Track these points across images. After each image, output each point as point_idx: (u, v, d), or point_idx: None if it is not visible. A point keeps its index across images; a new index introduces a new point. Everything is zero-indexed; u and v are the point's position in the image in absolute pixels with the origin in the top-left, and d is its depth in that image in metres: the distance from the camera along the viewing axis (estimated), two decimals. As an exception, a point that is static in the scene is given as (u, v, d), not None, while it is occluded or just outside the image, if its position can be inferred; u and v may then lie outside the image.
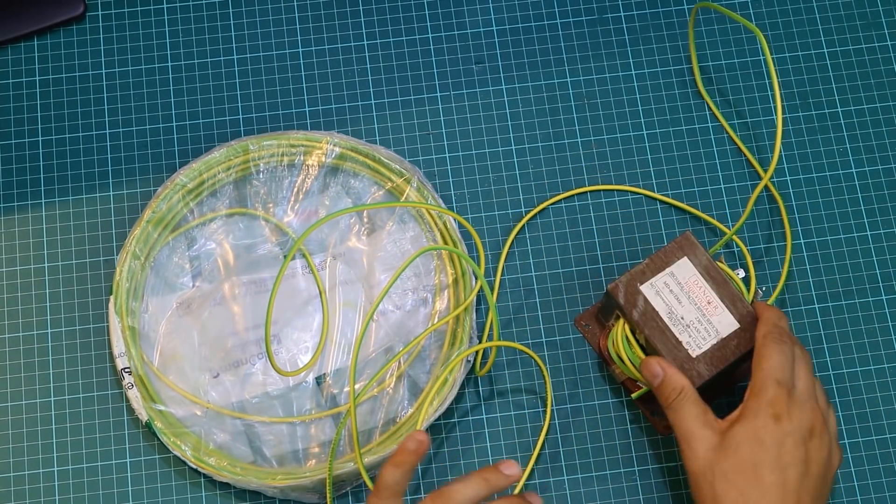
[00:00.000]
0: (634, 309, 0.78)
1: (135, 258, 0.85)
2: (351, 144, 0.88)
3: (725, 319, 0.78)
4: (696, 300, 0.78)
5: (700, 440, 0.71)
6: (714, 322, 0.78)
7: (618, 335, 0.79)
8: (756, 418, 0.70)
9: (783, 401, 0.71)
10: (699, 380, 0.76)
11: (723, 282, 0.79)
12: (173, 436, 0.82)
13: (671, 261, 0.79)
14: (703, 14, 0.93)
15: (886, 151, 0.90)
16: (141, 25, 0.93)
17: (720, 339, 0.77)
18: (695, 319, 0.78)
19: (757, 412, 0.71)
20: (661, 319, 0.78)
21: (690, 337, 0.77)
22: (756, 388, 0.72)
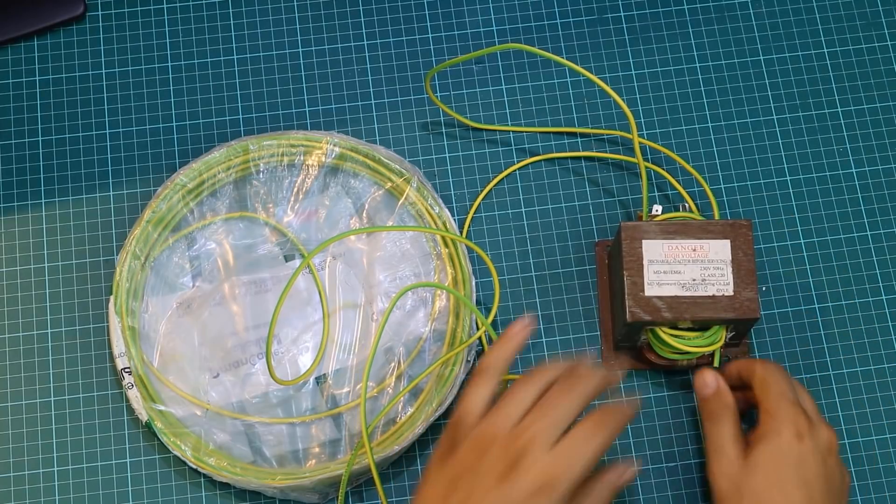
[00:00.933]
0: (662, 313, 0.78)
1: (135, 258, 0.85)
2: (351, 144, 0.88)
3: (717, 246, 0.79)
4: (685, 258, 0.79)
5: (731, 457, 0.73)
6: (714, 257, 0.78)
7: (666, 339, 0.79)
8: (780, 437, 0.72)
9: (804, 419, 0.73)
10: (754, 304, 0.77)
11: (682, 226, 0.79)
12: (173, 436, 0.82)
13: (638, 254, 0.79)
14: (703, 14, 0.93)
15: (886, 151, 0.90)
16: (141, 25, 0.93)
17: (731, 262, 0.78)
18: (702, 270, 0.78)
19: (779, 431, 0.72)
20: (685, 297, 0.78)
21: (714, 286, 0.78)
22: (771, 409, 0.73)
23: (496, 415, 0.67)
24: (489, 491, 0.64)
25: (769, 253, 0.88)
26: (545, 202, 0.89)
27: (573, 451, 0.65)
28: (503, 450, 0.65)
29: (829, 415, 0.84)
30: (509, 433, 0.66)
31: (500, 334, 0.72)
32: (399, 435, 0.82)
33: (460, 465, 0.66)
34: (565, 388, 0.68)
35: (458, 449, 0.67)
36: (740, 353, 0.84)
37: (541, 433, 0.65)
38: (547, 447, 0.65)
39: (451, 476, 0.66)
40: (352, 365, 0.84)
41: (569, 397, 0.67)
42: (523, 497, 0.64)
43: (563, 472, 0.64)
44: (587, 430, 0.66)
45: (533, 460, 0.64)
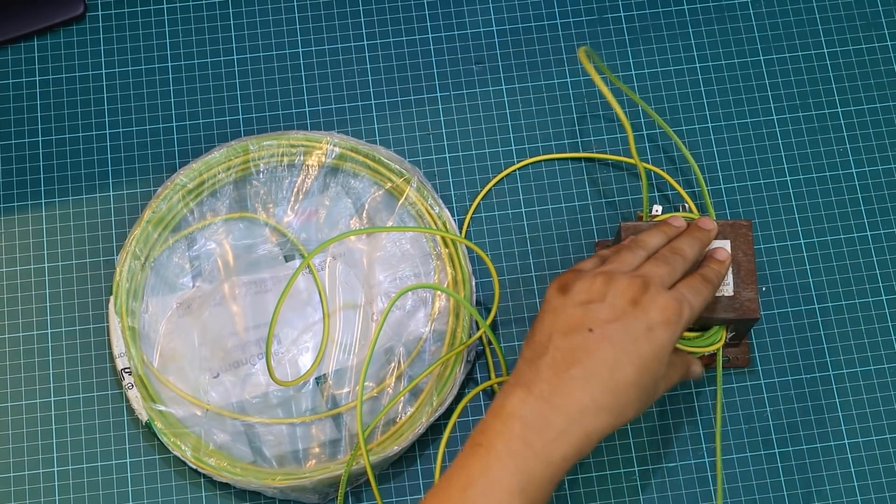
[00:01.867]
0: None
1: (135, 258, 0.85)
2: (351, 144, 0.88)
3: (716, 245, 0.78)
4: None
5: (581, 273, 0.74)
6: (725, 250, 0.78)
7: None
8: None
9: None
10: (754, 304, 0.77)
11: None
12: (173, 436, 0.82)
13: None
14: (703, 14, 0.93)
15: (886, 151, 0.90)
16: (141, 25, 0.93)
17: (731, 262, 0.78)
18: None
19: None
20: None
21: None
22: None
23: (614, 262, 0.73)
24: (626, 311, 0.69)
25: (769, 253, 0.88)
26: (545, 202, 0.89)
27: (688, 293, 0.72)
28: (629, 281, 0.70)
29: (828, 415, 0.84)
30: (631, 273, 0.71)
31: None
32: (399, 435, 0.82)
33: (587, 293, 0.70)
34: (673, 253, 0.74)
35: (579, 283, 0.71)
36: (740, 353, 0.85)
37: (659, 276, 0.71)
38: (664, 286, 0.71)
39: (578, 302, 0.70)
40: (352, 365, 0.84)
41: (677, 260, 0.73)
42: (656, 321, 0.70)
43: (683, 307, 0.71)
44: (696, 282, 0.73)
45: (657, 293, 0.70)
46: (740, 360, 0.85)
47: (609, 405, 0.68)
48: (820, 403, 0.85)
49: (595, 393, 0.68)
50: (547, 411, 0.67)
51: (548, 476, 0.67)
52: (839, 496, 0.83)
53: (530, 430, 0.67)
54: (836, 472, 0.83)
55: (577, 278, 0.72)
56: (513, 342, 0.86)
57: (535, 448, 0.67)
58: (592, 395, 0.68)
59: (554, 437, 0.67)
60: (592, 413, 0.68)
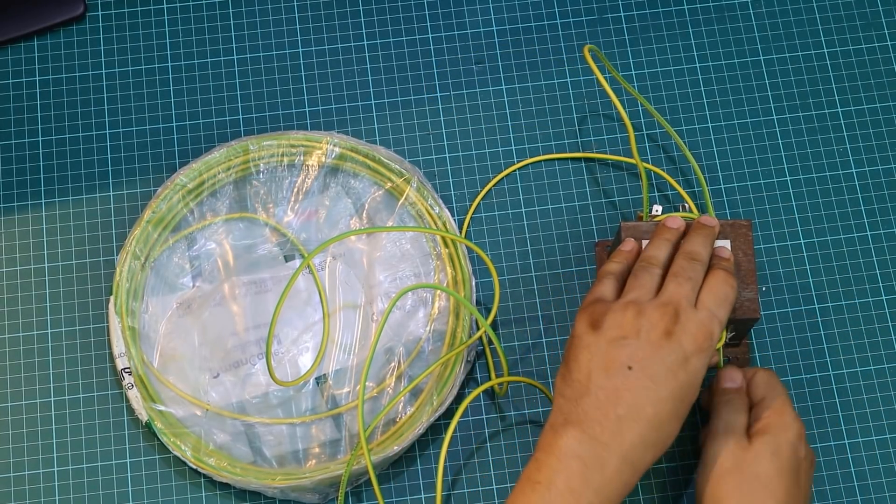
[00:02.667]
0: None
1: (135, 258, 0.85)
2: (351, 144, 0.88)
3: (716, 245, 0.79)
4: None
5: (739, 438, 0.75)
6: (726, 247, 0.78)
7: None
8: (787, 433, 0.75)
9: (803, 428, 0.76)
10: (754, 304, 0.78)
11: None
12: (173, 436, 0.82)
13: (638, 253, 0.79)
14: (703, 14, 0.93)
15: (886, 151, 0.90)
16: (141, 25, 0.93)
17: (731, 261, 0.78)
18: None
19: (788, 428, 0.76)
20: None
21: None
22: (779, 408, 0.76)
23: (635, 289, 0.74)
24: (662, 346, 0.71)
25: (769, 253, 0.88)
26: (545, 202, 0.89)
27: (715, 306, 0.73)
28: (659, 313, 0.71)
29: (828, 415, 0.84)
30: (657, 300, 0.73)
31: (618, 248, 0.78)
32: (399, 435, 0.82)
33: (619, 329, 0.72)
34: (688, 258, 0.75)
35: (610, 317, 0.72)
36: (740, 353, 0.84)
37: (684, 297, 0.73)
38: (692, 307, 0.72)
39: (612, 338, 0.71)
40: (352, 365, 0.84)
41: (695, 265, 0.75)
42: (690, 350, 0.71)
43: (713, 325, 0.72)
44: (719, 288, 0.74)
45: (686, 319, 0.72)
46: (740, 360, 0.85)
47: (655, 440, 0.71)
48: (820, 403, 0.85)
49: (643, 431, 0.70)
50: (602, 451, 0.70)
51: None
52: (839, 496, 0.83)
53: (589, 469, 0.69)
54: (836, 472, 0.83)
55: (606, 312, 0.73)
56: (513, 342, 0.86)
57: (593, 486, 0.69)
58: (641, 434, 0.70)
59: (610, 476, 0.69)
60: (641, 450, 0.70)
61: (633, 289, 0.74)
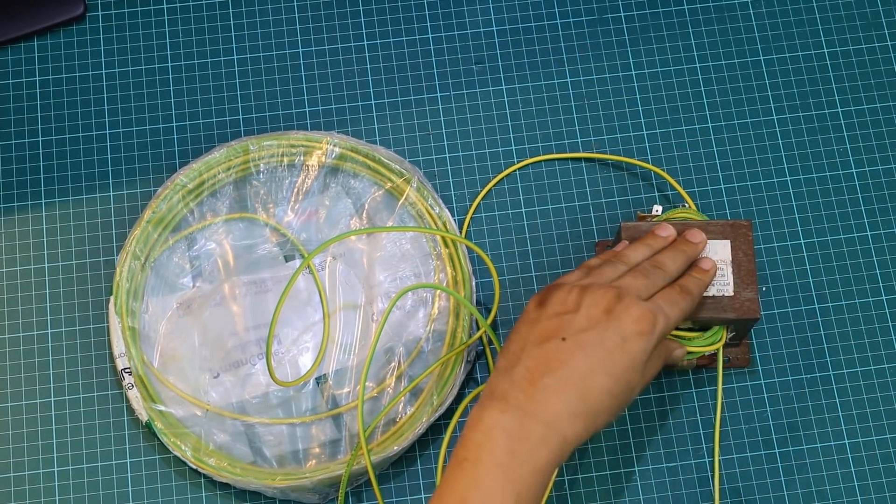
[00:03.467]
0: None
1: (135, 258, 0.85)
2: (351, 144, 0.88)
3: (717, 246, 0.79)
4: None
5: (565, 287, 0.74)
6: (714, 257, 0.78)
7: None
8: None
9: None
10: (754, 304, 0.77)
11: (682, 226, 0.79)
12: (173, 436, 0.82)
13: None
14: (703, 14, 0.93)
15: (886, 151, 0.90)
16: (141, 25, 0.93)
17: (731, 262, 0.78)
18: None
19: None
20: None
21: (714, 286, 0.78)
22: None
23: (594, 276, 0.74)
24: (600, 321, 0.70)
25: (769, 253, 0.88)
26: (545, 202, 0.89)
27: (665, 304, 0.72)
28: (602, 292, 0.71)
29: (828, 415, 0.84)
30: (606, 284, 0.72)
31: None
32: (399, 435, 0.82)
33: (562, 305, 0.71)
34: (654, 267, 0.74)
35: (556, 294, 0.72)
36: (740, 354, 0.85)
37: (635, 288, 0.72)
38: (639, 299, 0.71)
39: (553, 313, 0.71)
40: (352, 365, 0.84)
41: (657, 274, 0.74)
42: (629, 332, 0.70)
43: (658, 316, 0.71)
44: (674, 294, 0.74)
45: (630, 303, 0.71)
46: (740, 360, 0.85)
47: (583, 412, 0.69)
48: (820, 403, 0.85)
49: (569, 400, 0.69)
50: (526, 420, 0.68)
51: (536, 483, 0.67)
52: (839, 496, 0.83)
53: (513, 440, 0.67)
54: (836, 472, 0.83)
55: (555, 290, 0.72)
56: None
57: (520, 457, 0.67)
58: (566, 402, 0.69)
59: (536, 445, 0.67)
60: (567, 420, 0.68)
61: (591, 276, 0.74)
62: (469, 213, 0.88)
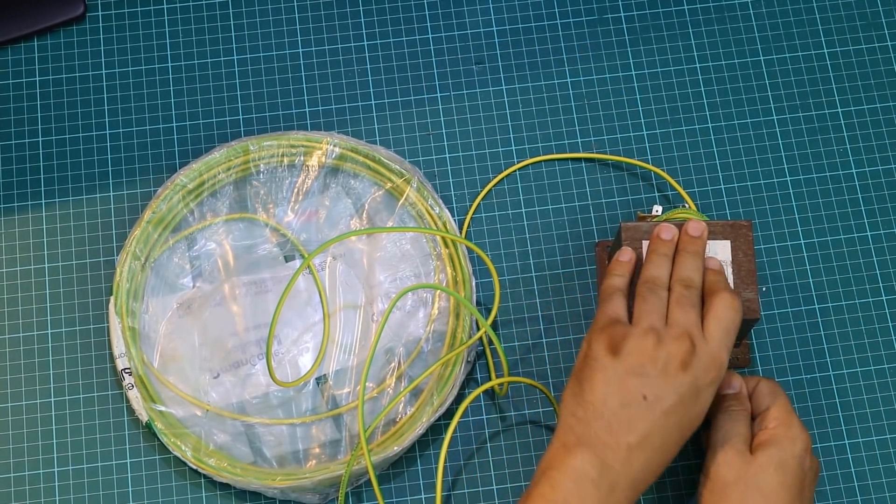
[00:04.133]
0: None
1: (135, 259, 0.85)
2: (351, 145, 0.88)
3: (717, 247, 0.78)
4: None
5: (740, 450, 0.76)
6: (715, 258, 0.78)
7: None
8: (793, 446, 0.76)
9: (809, 438, 0.77)
10: (755, 304, 0.78)
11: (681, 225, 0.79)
12: (173, 436, 0.82)
13: (639, 254, 0.79)
14: (703, 14, 0.93)
15: (886, 151, 0.90)
16: (141, 25, 0.93)
17: (731, 263, 0.78)
18: None
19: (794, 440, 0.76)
20: None
21: None
22: (784, 419, 0.77)
23: (648, 313, 0.74)
24: (679, 378, 0.72)
25: (769, 253, 0.88)
26: (545, 202, 0.89)
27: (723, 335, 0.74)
28: (677, 345, 0.72)
29: (828, 415, 0.84)
30: (672, 330, 0.73)
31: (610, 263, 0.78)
32: (399, 435, 0.82)
33: (638, 356, 0.72)
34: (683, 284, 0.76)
35: (626, 344, 0.73)
36: (740, 354, 0.84)
37: (694, 325, 0.74)
38: (703, 337, 0.73)
39: (631, 366, 0.72)
40: (352, 365, 0.84)
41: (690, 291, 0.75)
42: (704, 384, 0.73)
43: (724, 355, 0.74)
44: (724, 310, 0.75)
45: (701, 352, 0.73)
46: (741, 360, 0.85)
47: (657, 465, 0.73)
48: (820, 403, 0.85)
49: (650, 457, 0.72)
50: (613, 476, 0.71)
51: None
52: (839, 496, 0.83)
53: (600, 493, 0.71)
54: (837, 472, 0.83)
55: (626, 336, 0.73)
56: (513, 342, 0.86)
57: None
58: (647, 460, 0.72)
59: (618, 500, 0.71)
60: (645, 474, 0.72)
61: (645, 313, 0.74)
62: (469, 214, 0.88)
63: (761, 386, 0.79)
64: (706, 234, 0.78)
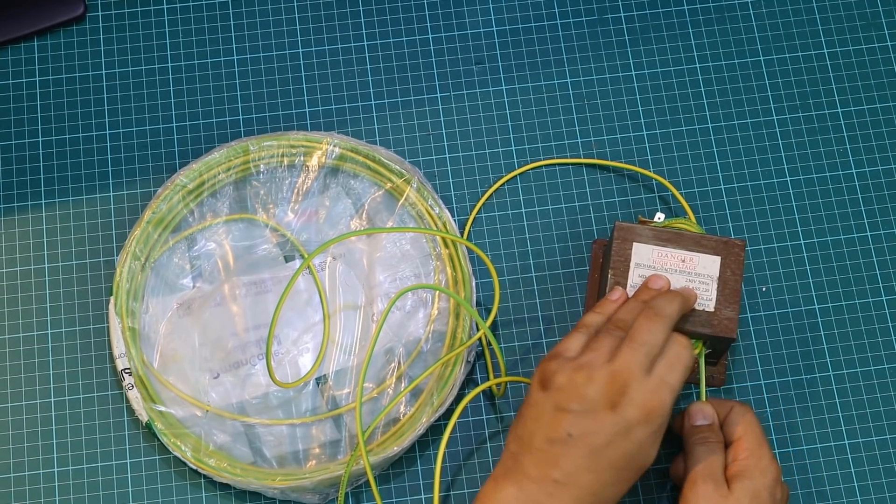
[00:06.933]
0: None
1: (135, 259, 0.85)
2: (351, 145, 0.88)
3: (706, 261, 0.78)
4: (672, 267, 0.78)
5: (718, 484, 0.75)
6: (701, 271, 0.78)
7: None
8: (764, 478, 0.75)
9: (779, 469, 0.77)
10: (733, 324, 0.77)
11: (676, 236, 0.79)
12: (173, 436, 0.82)
13: (627, 255, 0.79)
14: (703, 14, 0.93)
15: (886, 151, 0.90)
16: (141, 25, 0.93)
17: (718, 279, 0.78)
18: (686, 282, 0.78)
19: (764, 472, 0.76)
20: None
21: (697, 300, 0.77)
22: (755, 450, 0.76)
23: (592, 350, 0.73)
24: (605, 418, 0.70)
25: (769, 253, 0.88)
26: (545, 203, 0.89)
27: (667, 372, 0.72)
28: (609, 380, 0.70)
29: (828, 415, 0.84)
30: (608, 364, 0.71)
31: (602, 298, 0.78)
32: (399, 435, 0.82)
33: (565, 393, 0.71)
34: (651, 318, 0.73)
35: (557, 377, 0.71)
36: (717, 373, 0.84)
37: (637, 365, 0.71)
38: (644, 376, 0.71)
39: (558, 401, 0.71)
40: (352, 366, 0.84)
41: (656, 327, 0.73)
42: (635, 421, 0.70)
43: (663, 393, 0.71)
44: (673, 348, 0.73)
45: (635, 391, 0.70)
46: (716, 379, 0.84)
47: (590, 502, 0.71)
48: (820, 403, 0.85)
49: (579, 495, 0.70)
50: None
51: None
52: (839, 496, 0.83)
53: None
54: (836, 472, 0.83)
55: (557, 371, 0.72)
56: (513, 342, 0.86)
57: None
58: (577, 498, 0.70)
59: None
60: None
61: (590, 350, 0.73)
62: (472, 215, 0.88)
63: (733, 414, 0.78)
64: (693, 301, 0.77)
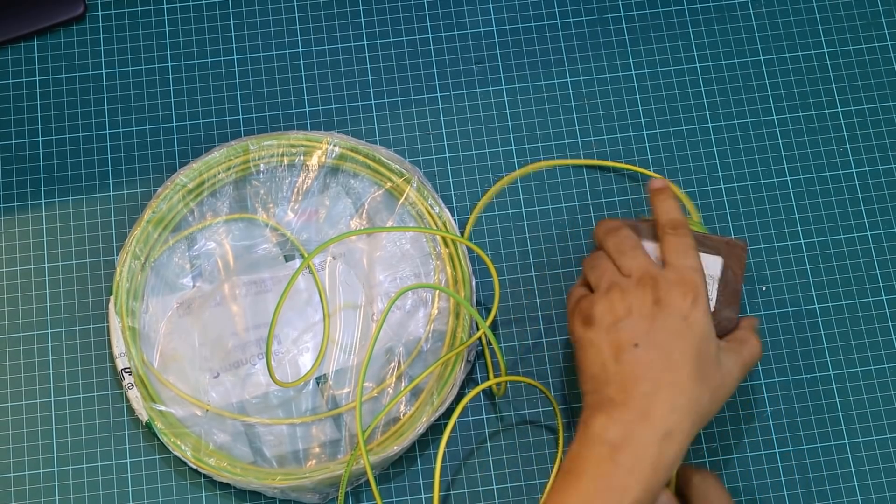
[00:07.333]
0: None
1: (135, 258, 0.85)
2: (351, 144, 0.88)
3: (708, 261, 0.78)
4: None
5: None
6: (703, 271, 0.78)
7: None
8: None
9: None
10: (733, 324, 0.77)
11: None
12: (173, 436, 0.82)
13: None
14: (703, 14, 0.93)
15: (886, 151, 0.90)
16: (141, 25, 0.93)
17: (719, 280, 0.78)
18: None
19: None
20: None
21: None
22: None
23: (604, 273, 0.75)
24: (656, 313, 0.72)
25: (769, 253, 0.88)
26: (545, 202, 0.89)
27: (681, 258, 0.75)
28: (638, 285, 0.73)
29: (828, 415, 0.84)
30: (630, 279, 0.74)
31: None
32: (399, 435, 0.82)
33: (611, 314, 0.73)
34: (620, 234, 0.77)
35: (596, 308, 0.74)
36: None
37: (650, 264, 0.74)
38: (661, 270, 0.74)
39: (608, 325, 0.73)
40: (352, 365, 0.84)
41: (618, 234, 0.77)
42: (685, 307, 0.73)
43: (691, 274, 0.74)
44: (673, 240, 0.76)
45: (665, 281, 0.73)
46: None
47: (686, 405, 0.71)
48: (820, 403, 0.85)
49: (669, 398, 0.71)
50: (629, 431, 0.70)
51: (646, 490, 0.69)
52: (839, 496, 0.83)
53: (617, 451, 0.70)
54: (837, 472, 0.83)
55: (592, 304, 0.74)
56: (513, 342, 0.86)
57: (625, 467, 0.69)
58: (668, 401, 0.71)
59: (643, 454, 0.70)
60: (674, 418, 0.71)
61: (598, 277, 0.75)
62: (473, 215, 0.88)
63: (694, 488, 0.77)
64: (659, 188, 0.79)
